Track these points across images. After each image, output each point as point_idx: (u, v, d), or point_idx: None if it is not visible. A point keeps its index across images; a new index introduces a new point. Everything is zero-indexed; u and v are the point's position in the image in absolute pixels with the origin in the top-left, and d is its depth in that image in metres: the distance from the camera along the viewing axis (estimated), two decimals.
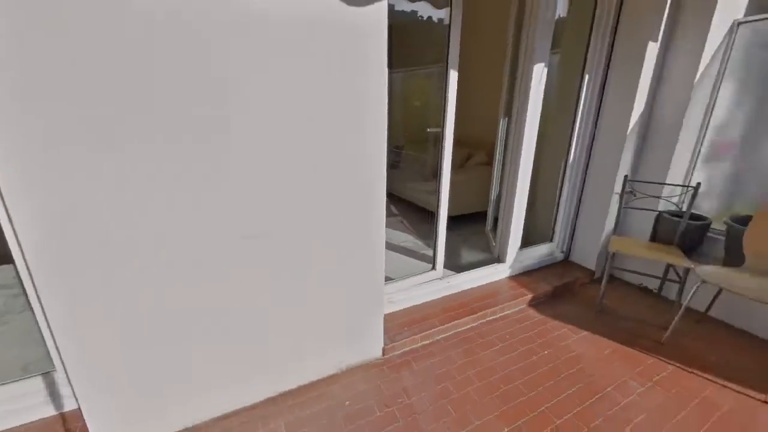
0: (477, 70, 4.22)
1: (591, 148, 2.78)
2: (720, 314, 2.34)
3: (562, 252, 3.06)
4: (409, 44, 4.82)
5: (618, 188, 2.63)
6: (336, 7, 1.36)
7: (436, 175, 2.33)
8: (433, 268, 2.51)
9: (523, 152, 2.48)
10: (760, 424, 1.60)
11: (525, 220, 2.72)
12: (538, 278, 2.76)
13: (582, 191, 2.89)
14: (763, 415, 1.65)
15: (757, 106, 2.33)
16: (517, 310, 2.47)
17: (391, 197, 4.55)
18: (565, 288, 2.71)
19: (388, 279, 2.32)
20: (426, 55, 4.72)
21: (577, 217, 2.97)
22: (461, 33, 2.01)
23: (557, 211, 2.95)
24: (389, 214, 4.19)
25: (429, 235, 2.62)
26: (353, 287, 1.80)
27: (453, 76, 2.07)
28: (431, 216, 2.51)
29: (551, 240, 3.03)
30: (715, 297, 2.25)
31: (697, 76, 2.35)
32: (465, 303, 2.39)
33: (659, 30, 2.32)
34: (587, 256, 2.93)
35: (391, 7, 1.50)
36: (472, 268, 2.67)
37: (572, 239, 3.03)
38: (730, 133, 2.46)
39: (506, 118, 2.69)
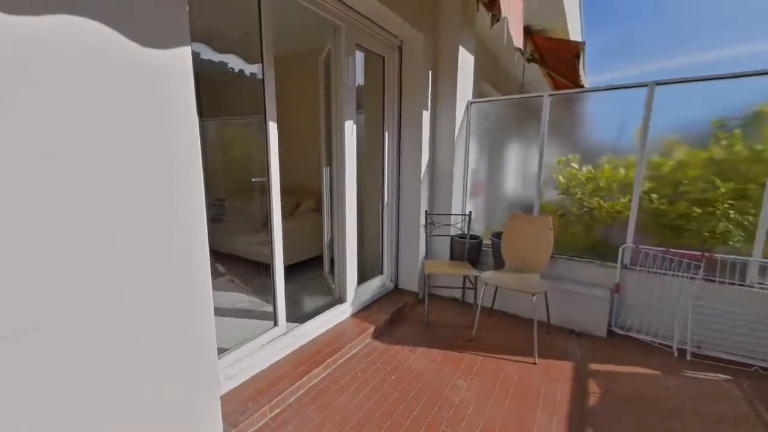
0: (298, 123, 4.46)
1: (399, 190, 3.34)
2: (500, 306, 3.15)
3: (392, 281, 3.45)
4: (225, 94, 4.64)
5: (423, 221, 3.24)
6: (128, 48, 1.18)
7: (267, 225, 2.24)
8: (276, 324, 2.33)
9: (347, 197, 2.73)
10: (534, 381, 2.20)
11: (358, 258, 2.94)
12: (376, 310, 2.98)
13: (398, 226, 3.41)
14: (536, 373, 2.28)
15: (488, 158, 3.44)
16: (364, 345, 2.57)
17: (217, 255, 4.04)
18: (399, 313, 3.03)
19: (223, 350, 1.98)
20: (243, 106, 4.64)
21: (398, 249, 3.44)
22: (277, 88, 2.10)
23: (382, 245, 3.35)
24: (216, 274, 3.68)
25: (266, 290, 2.44)
26: (174, 379, 1.43)
27: (273, 128, 2.11)
28: (266, 268, 2.36)
29: (382, 272, 3.37)
30: (495, 294, 3.05)
31: (455, 136, 3.26)
32: (315, 352, 2.31)
33: (427, 102, 3.13)
34: (411, 281, 3.41)
35: (196, 55, 1.42)
36: (317, 314, 2.64)
37: (398, 268, 3.48)
38: (480, 176, 3.50)
39: (328, 167, 2.92)
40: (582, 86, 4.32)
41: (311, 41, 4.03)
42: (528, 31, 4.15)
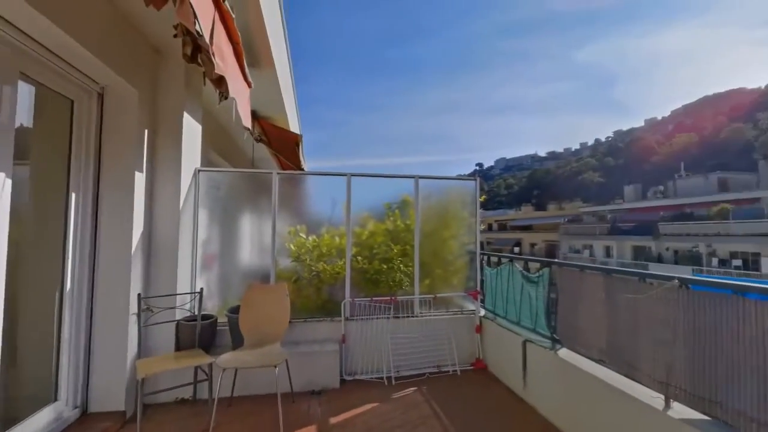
0: None
1: (94, 273, 2.47)
2: (242, 390, 2.81)
3: (77, 407, 2.34)
4: None
5: (134, 308, 2.51)
6: None
7: None
8: None
9: None
10: None
11: (3, 386, 1.81)
12: None
13: (91, 323, 2.45)
14: None
15: (221, 229, 3.28)
16: None
17: None
18: None
19: None
20: None
21: (89, 356, 2.44)
22: None
23: (59, 356, 2.26)
24: None
25: None
26: None
27: None
28: None
29: (56, 398, 2.23)
30: (235, 378, 2.72)
31: (181, 203, 2.90)
32: None
33: (143, 164, 2.65)
34: (113, 397, 2.45)
35: None
36: None
37: (88, 384, 2.42)
38: (212, 247, 3.24)
39: None
40: (303, 170, 5.14)
41: None
42: (255, 116, 4.57)
